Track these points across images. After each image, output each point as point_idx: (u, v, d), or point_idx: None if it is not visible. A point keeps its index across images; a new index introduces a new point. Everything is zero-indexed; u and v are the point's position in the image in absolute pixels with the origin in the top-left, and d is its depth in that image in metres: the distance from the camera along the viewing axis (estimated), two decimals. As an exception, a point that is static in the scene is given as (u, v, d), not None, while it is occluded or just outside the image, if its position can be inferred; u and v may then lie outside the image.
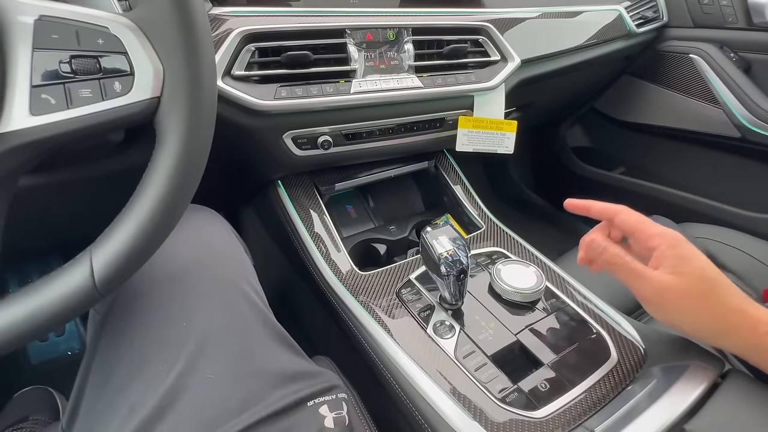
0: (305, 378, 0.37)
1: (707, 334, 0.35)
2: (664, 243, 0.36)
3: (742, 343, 0.34)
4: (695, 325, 0.35)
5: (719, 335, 0.35)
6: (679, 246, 0.36)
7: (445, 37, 0.58)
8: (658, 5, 0.89)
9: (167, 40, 0.26)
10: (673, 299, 0.35)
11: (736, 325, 0.33)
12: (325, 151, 0.56)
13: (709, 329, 0.35)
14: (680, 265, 0.35)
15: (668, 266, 0.35)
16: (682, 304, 0.34)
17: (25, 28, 0.24)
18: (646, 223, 0.38)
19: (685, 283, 0.34)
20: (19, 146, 0.24)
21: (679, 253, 0.35)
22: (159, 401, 0.31)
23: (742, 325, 0.33)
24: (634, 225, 0.39)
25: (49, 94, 0.24)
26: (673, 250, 0.35)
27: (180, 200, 0.28)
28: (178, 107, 0.27)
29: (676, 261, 0.35)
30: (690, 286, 0.34)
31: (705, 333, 0.35)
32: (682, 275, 0.34)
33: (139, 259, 0.27)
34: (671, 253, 0.35)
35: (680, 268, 0.35)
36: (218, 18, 0.48)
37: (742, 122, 0.84)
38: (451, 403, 0.37)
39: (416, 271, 0.52)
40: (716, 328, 0.34)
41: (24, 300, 0.26)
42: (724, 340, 0.35)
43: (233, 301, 0.38)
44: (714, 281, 0.34)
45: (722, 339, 0.35)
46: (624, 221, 0.40)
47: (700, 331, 0.35)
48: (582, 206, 0.43)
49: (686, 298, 0.34)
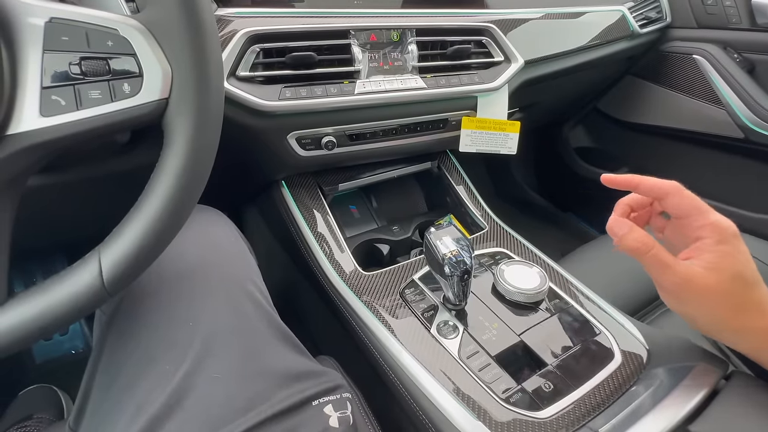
0: (310, 378, 0.37)
1: (719, 330, 0.34)
2: (713, 237, 0.33)
3: (753, 342, 0.33)
4: (710, 319, 0.33)
5: (732, 333, 0.33)
6: (727, 242, 0.33)
7: (448, 38, 0.59)
8: (661, 6, 0.89)
9: (175, 42, 0.27)
10: (696, 292, 0.32)
11: (750, 324, 0.32)
12: (329, 152, 0.56)
13: (722, 326, 0.33)
14: (719, 262, 0.32)
15: (705, 260, 0.32)
16: (704, 298, 0.32)
17: (35, 30, 0.24)
18: (702, 209, 0.34)
19: (715, 279, 0.32)
20: (30, 147, 0.25)
21: (724, 250, 0.32)
22: (166, 400, 0.32)
23: (756, 325, 0.32)
24: (689, 209, 0.34)
25: (59, 95, 0.25)
26: (719, 246, 0.32)
27: (188, 200, 0.28)
28: (186, 108, 0.27)
29: (718, 258, 0.32)
30: (719, 283, 0.32)
31: (717, 329, 0.34)
32: (717, 271, 0.32)
33: (147, 259, 0.27)
34: (716, 249, 0.32)
35: (718, 264, 0.32)
36: (223, 19, 0.48)
37: (746, 123, 0.83)
38: (455, 403, 0.38)
39: (419, 271, 0.52)
40: (731, 325, 0.33)
41: (34, 299, 0.26)
42: (735, 338, 0.34)
43: (239, 301, 0.38)
44: (746, 282, 0.32)
45: (733, 337, 0.34)
46: (678, 204, 0.35)
47: (713, 326, 0.34)
48: (626, 182, 0.38)
49: (711, 294, 0.32)
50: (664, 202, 0.36)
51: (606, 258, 0.65)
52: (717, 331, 0.34)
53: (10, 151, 0.25)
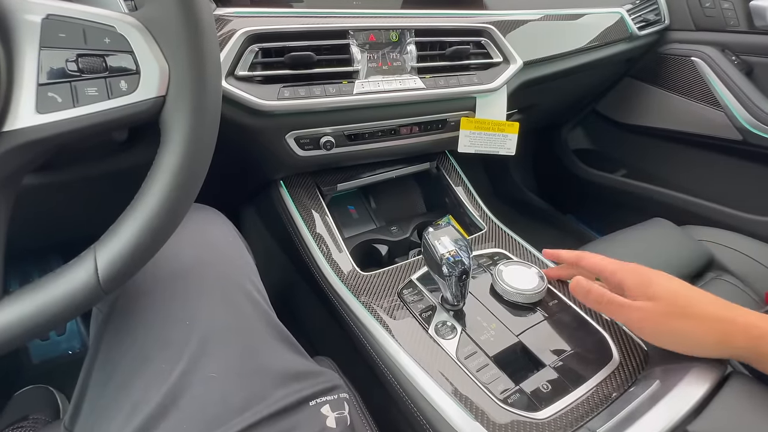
0: (307, 378, 0.37)
1: (705, 348, 0.36)
2: (626, 275, 0.39)
3: (739, 349, 0.34)
4: (690, 341, 0.36)
5: (716, 346, 0.35)
6: (638, 273, 0.38)
7: (447, 38, 0.59)
8: (659, 8, 0.90)
9: (173, 40, 0.27)
10: (659, 322, 0.36)
11: (728, 333, 0.34)
12: (328, 152, 0.56)
13: (704, 343, 0.35)
14: (646, 289, 0.37)
15: (640, 294, 0.37)
16: (668, 325, 0.35)
17: (32, 26, 0.24)
18: (604, 262, 0.41)
19: (662, 305, 0.36)
20: (26, 144, 0.25)
21: (640, 280, 0.38)
22: (162, 399, 0.31)
23: (733, 333, 0.33)
24: (596, 267, 0.42)
25: (55, 92, 0.25)
26: (635, 278, 0.38)
27: (184, 199, 0.28)
28: (183, 106, 0.27)
29: (643, 287, 0.37)
30: (667, 305, 0.35)
31: (702, 347, 0.36)
32: (654, 298, 0.36)
33: (143, 257, 0.27)
34: (634, 282, 0.38)
35: (647, 291, 0.37)
36: (222, 18, 0.48)
37: (744, 125, 0.84)
38: (452, 404, 0.37)
39: (418, 271, 0.52)
40: (711, 339, 0.35)
41: (29, 297, 0.26)
42: (723, 350, 0.35)
43: (236, 300, 0.38)
44: (689, 297, 0.36)
45: (721, 349, 0.35)
46: (586, 265, 0.43)
47: (697, 347, 0.36)
48: (553, 255, 0.49)
49: (670, 318, 0.35)
50: (581, 266, 0.45)
51: (604, 259, 0.65)
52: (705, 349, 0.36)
53: (6, 148, 0.24)
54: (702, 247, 0.68)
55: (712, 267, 0.67)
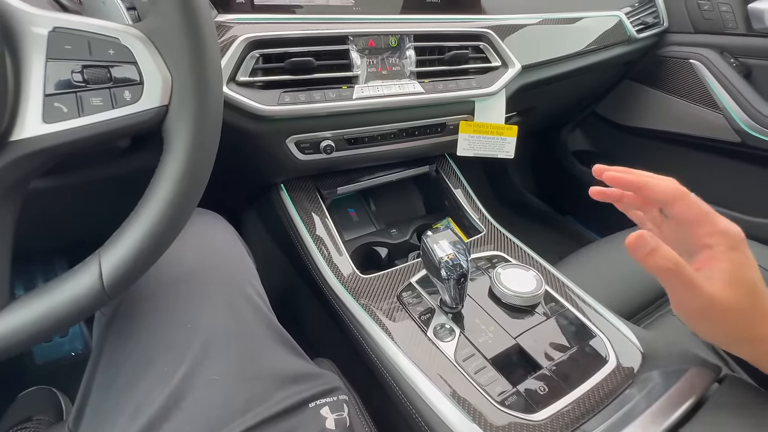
0: (307, 380, 0.38)
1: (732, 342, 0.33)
2: (726, 244, 0.31)
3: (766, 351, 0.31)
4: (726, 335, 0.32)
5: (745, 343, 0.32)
6: (737, 249, 0.31)
7: (446, 43, 0.59)
8: (658, 11, 0.90)
9: (175, 50, 0.27)
10: (718, 314, 0.30)
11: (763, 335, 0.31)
12: (328, 156, 0.57)
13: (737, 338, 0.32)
14: (735, 272, 0.30)
15: (721, 270, 0.30)
16: (725, 319, 0.30)
17: (39, 39, 0.25)
18: (710, 216, 0.32)
19: (736, 299, 0.29)
20: (32, 153, 0.25)
21: (736, 258, 0.30)
22: (164, 401, 0.32)
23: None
24: (696, 216, 0.32)
25: (61, 102, 0.25)
26: (731, 254, 0.30)
27: (187, 205, 0.29)
28: (186, 115, 0.27)
29: (732, 268, 0.30)
30: (740, 302, 0.30)
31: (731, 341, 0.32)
32: (734, 287, 0.30)
33: (146, 262, 0.28)
34: (728, 258, 0.30)
35: (734, 275, 0.30)
36: (223, 25, 0.49)
37: (743, 127, 0.84)
38: (450, 406, 0.38)
39: (417, 274, 0.53)
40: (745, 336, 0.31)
41: (35, 301, 0.26)
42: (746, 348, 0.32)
43: (237, 303, 0.39)
44: (759, 292, 0.30)
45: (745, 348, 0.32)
46: (687, 210, 0.32)
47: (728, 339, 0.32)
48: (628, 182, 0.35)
49: (731, 314, 0.30)
50: (674, 209, 0.33)
51: (603, 262, 0.66)
52: (729, 342, 0.33)
53: (14, 157, 0.25)
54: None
55: (710, 269, 0.67)
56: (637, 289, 0.59)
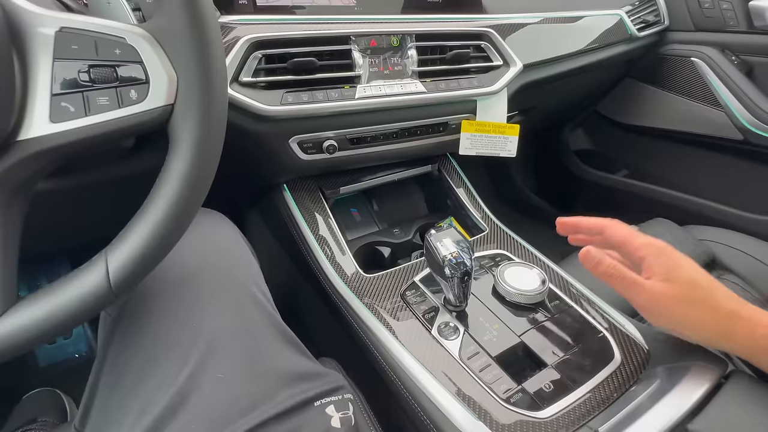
0: (312, 378, 0.38)
1: (707, 338, 0.36)
2: (651, 253, 0.37)
3: (741, 345, 0.34)
4: (694, 329, 0.36)
5: (718, 339, 0.35)
6: (665, 254, 0.37)
7: (448, 42, 0.59)
8: (659, 9, 0.90)
9: (181, 50, 0.27)
10: (668, 305, 0.36)
11: (733, 328, 0.34)
12: (330, 156, 0.57)
13: (707, 333, 0.36)
14: (669, 272, 0.36)
15: (659, 274, 0.36)
16: (677, 309, 0.35)
17: (46, 39, 0.25)
18: (632, 235, 0.40)
19: (677, 289, 0.35)
20: (39, 152, 0.25)
21: (666, 261, 0.37)
22: (170, 400, 0.32)
23: (738, 329, 0.34)
24: (622, 238, 0.40)
25: (68, 102, 0.25)
26: (660, 259, 0.37)
27: (192, 204, 0.29)
28: (191, 114, 0.28)
29: (665, 269, 0.36)
30: (682, 292, 0.35)
31: (704, 337, 0.36)
32: (673, 282, 0.35)
33: (153, 261, 0.28)
34: (659, 262, 0.37)
35: (670, 274, 0.36)
36: (226, 26, 0.49)
37: (745, 125, 0.84)
38: (456, 404, 0.38)
39: (420, 273, 0.53)
40: (715, 332, 0.35)
41: (43, 301, 0.27)
42: (724, 343, 0.36)
43: (242, 302, 0.39)
44: (707, 288, 0.36)
45: (722, 342, 0.36)
46: (612, 235, 0.41)
47: (699, 335, 0.37)
48: (571, 224, 0.46)
49: (681, 304, 0.35)
50: (605, 236, 0.42)
51: (606, 259, 0.66)
52: (706, 339, 0.37)
53: (21, 156, 0.25)
54: (704, 246, 0.68)
55: (714, 266, 0.67)
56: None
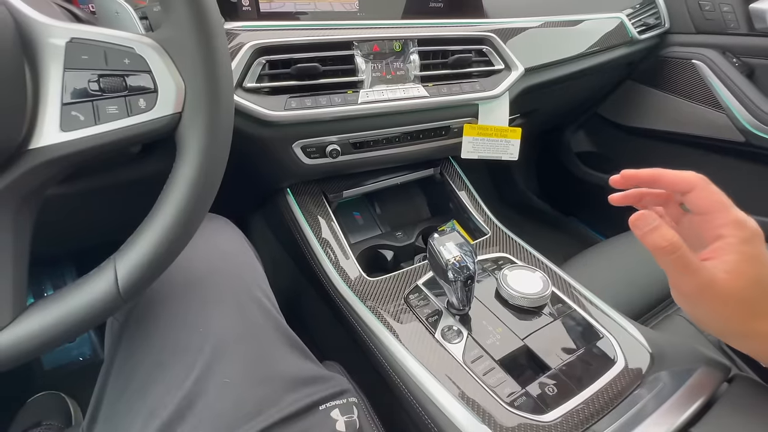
0: (317, 382, 0.38)
1: (729, 334, 0.32)
2: (738, 236, 0.30)
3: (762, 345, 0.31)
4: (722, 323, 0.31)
5: (741, 337, 0.32)
6: (750, 243, 0.30)
7: (449, 47, 0.60)
8: (659, 12, 0.90)
9: (188, 59, 0.28)
10: (715, 298, 0.30)
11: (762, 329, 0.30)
12: (333, 160, 0.57)
13: (733, 330, 0.31)
14: (742, 266, 0.29)
15: (728, 263, 0.30)
16: (722, 304, 0.30)
17: (57, 50, 0.25)
18: (726, 206, 0.32)
19: (738, 285, 0.29)
20: (50, 161, 0.26)
21: (747, 251, 0.30)
22: (178, 405, 0.32)
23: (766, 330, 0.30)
24: (712, 205, 0.32)
25: (78, 111, 0.26)
26: (742, 247, 0.30)
27: (199, 210, 0.29)
28: (199, 122, 0.28)
29: (740, 260, 0.29)
30: (740, 290, 0.29)
31: (728, 332, 0.32)
32: (739, 276, 0.29)
33: (161, 266, 0.28)
34: (738, 250, 0.30)
35: (740, 268, 0.29)
36: (230, 32, 0.50)
37: (747, 127, 0.84)
38: (460, 407, 0.38)
39: (423, 276, 0.53)
40: (741, 329, 0.31)
41: (52, 306, 0.27)
42: (743, 341, 0.32)
43: (247, 307, 0.39)
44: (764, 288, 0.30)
45: (742, 340, 0.32)
46: (701, 198, 0.32)
47: (724, 329, 0.32)
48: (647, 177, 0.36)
49: (729, 300, 0.29)
50: (688, 197, 0.33)
51: (609, 262, 0.66)
52: (726, 334, 0.33)
53: (32, 165, 0.26)
54: (706, 249, 0.68)
55: (716, 269, 0.67)
56: (643, 290, 0.59)
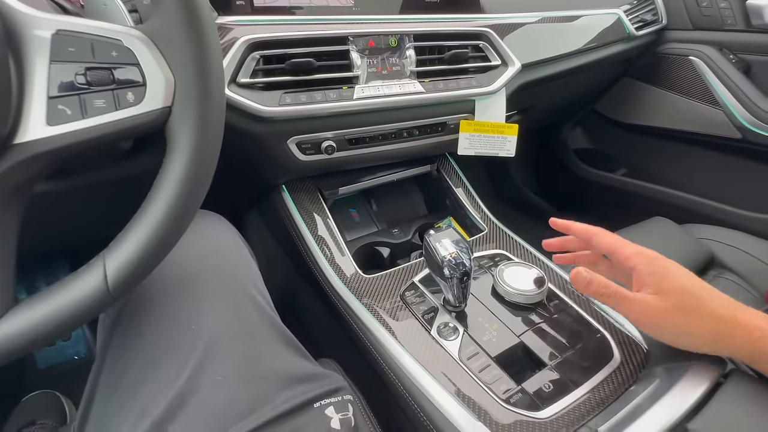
0: (312, 380, 0.38)
1: (702, 344, 0.36)
2: (641, 263, 0.37)
3: (739, 349, 0.34)
4: (689, 338, 0.36)
5: (714, 344, 0.35)
6: (655, 264, 0.37)
7: (446, 42, 0.59)
8: (657, 8, 0.90)
9: (178, 52, 0.27)
10: (660, 317, 0.35)
11: (729, 333, 0.34)
12: (329, 156, 0.57)
13: (702, 340, 0.35)
14: (660, 282, 0.35)
15: (649, 285, 0.36)
16: (670, 320, 0.35)
17: (43, 42, 0.25)
18: (621, 244, 0.39)
19: (669, 300, 0.35)
20: (36, 155, 0.25)
21: (656, 271, 0.36)
22: (170, 403, 0.32)
23: (735, 333, 0.33)
24: (610, 246, 0.40)
25: (65, 104, 0.25)
26: (650, 269, 0.36)
27: (190, 206, 0.29)
28: (189, 116, 0.27)
29: (656, 279, 0.36)
30: (674, 303, 0.34)
31: (700, 344, 0.36)
32: (665, 293, 0.35)
33: (150, 264, 0.28)
34: (649, 272, 0.36)
35: (660, 285, 0.35)
36: (224, 27, 0.49)
37: (743, 123, 0.84)
38: (455, 404, 0.38)
39: (420, 273, 0.53)
40: (709, 338, 0.35)
41: (41, 304, 0.26)
42: (719, 348, 0.35)
43: (241, 304, 0.39)
44: (698, 295, 0.35)
45: (718, 347, 0.35)
46: (600, 243, 0.41)
47: (695, 343, 0.36)
48: (563, 226, 0.46)
49: (674, 315, 0.34)
50: (592, 244, 0.42)
51: (605, 259, 0.66)
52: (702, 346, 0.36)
53: (18, 160, 0.25)
54: (703, 245, 0.68)
55: (713, 265, 0.67)
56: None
